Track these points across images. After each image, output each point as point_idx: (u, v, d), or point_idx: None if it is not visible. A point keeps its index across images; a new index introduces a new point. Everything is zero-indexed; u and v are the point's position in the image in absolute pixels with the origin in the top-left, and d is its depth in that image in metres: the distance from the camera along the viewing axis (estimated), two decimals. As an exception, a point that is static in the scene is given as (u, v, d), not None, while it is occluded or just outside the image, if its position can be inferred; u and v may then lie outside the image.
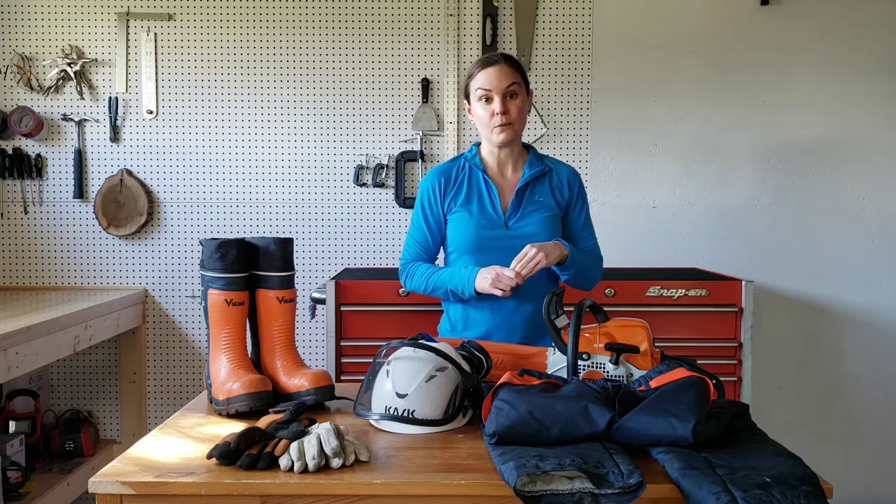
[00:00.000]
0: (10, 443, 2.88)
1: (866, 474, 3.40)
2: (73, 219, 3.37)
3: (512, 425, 1.39)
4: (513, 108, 2.10)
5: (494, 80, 2.08)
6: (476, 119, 2.15)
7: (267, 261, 1.78)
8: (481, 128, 2.16)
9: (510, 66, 2.11)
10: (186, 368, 3.42)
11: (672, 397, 1.41)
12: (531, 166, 2.18)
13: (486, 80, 2.09)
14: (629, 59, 3.33)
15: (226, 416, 1.66)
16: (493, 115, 2.09)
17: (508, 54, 2.16)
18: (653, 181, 3.35)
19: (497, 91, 2.08)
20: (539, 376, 1.58)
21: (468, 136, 3.33)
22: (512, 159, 2.20)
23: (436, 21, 3.32)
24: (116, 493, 1.30)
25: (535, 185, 2.18)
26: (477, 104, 2.12)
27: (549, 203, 2.17)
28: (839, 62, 3.32)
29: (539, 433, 1.37)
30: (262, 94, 3.34)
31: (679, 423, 1.34)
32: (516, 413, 1.39)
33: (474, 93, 2.12)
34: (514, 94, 2.10)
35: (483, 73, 2.10)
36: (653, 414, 1.37)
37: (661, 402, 1.40)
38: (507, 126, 2.10)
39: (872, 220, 3.37)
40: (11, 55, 3.31)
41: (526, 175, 2.16)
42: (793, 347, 3.38)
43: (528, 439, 1.37)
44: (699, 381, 1.44)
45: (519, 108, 2.12)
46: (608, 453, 1.32)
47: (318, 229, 3.38)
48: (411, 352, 1.62)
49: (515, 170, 2.20)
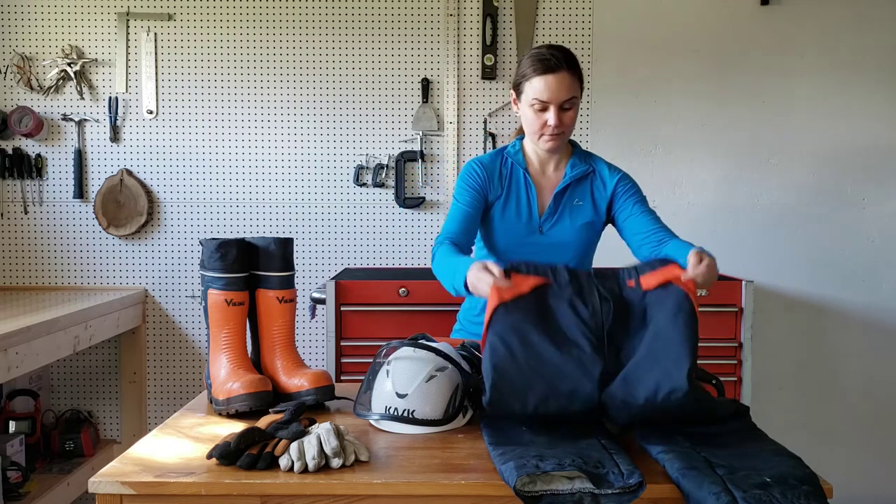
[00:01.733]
0: (10, 443, 2.88)
1: (866, 474, 3.40)
2: (73, 219, 3.37)
3: (505, 369, 1.43)
4: (567, 119, 1.93)
5: (553, 93, 1.89)
6: (524, 119, 1.98)
7: (267, 261, 1.78)
8: (527, 129, 1.99)
9: (572, 76, 1.91)
10: (186, 368, 3.42)
11: (663, 338, 1.42)
12: (573, 167, 2.03)
13: (545, 91, 1.89)
14: (629, 59, 3.33)
15: (226, 416, 1.66)
16: (544, 124, 1.92)
17: (569, 54, 1.93)
18: (653, 181, 3.35)
19: (554, 103, 1.90)
20: (527, 271, 1.55)
21: (468, 136, 3.34)
22: (556, 159, 2.05)
23: (436, 21, 3.32)
24: (116, 493, 1.30)
25: (575, 187, 2.03)
26: (528, 108, 1.94)
27: (587, 209, 2.03)
28: (839, 62, 3.32)
29: (532, 384, 1.42)
30: (262, 94, 3.34)
31: (675, 370, 1.37)
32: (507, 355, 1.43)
33: (526, 95, 1.93)
34: (571, 105, 1.93)
35: (541, 81, 1.89)
36: (646, 366, 1.39)
37: (653, 348, 1.42)
38: (558, 136, 1.95)
39: (872, 220, 3.37)
40: (11, 55, 3.31)
41: (567, 177, 2.02)
42: (793, 347, 3.38)
43: (519, 386, 1.42)
44: (686, 304, 1.45)
45: (573, 118, 1.95)
46: (608, 453, 1.32)
47: (318, 229, 3.38)
48: (411, 352, 1.62)
49: (557, 169, 2.05)
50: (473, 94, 3.33)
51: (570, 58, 1.92)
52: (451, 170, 3.33)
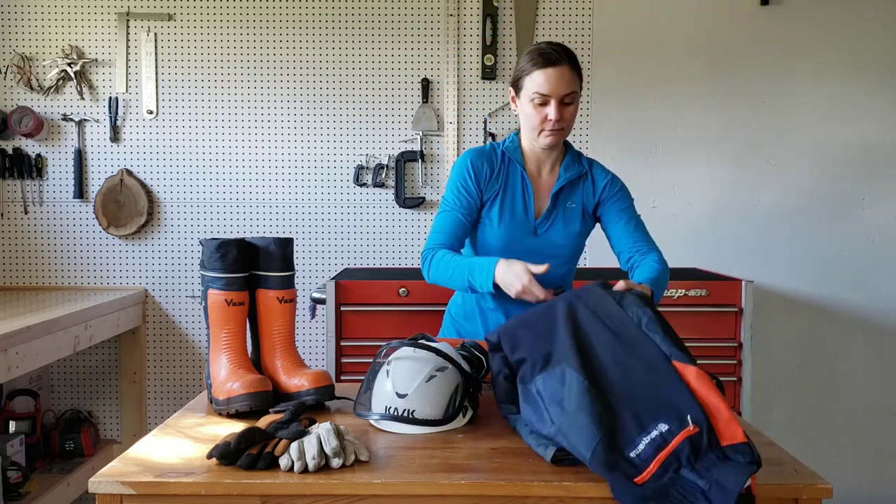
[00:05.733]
0: (10, 443, 2.88)
1: (866, 474, 3.40)
2: (73, 219, 3.37)
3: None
4: (567, 114, 1.90)
5: (554, 86, 1.86)
6: (522, 115, 1.94)
7: (267, 261, 1.78)
8: (526, 125, 1.95)
9: (572, 70, 1.88)
10: (186, 368, 3.42)
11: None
12: (567, 169, 2.00)
13: (545, 85, 1.86)
14: (629, 59, 3.33)
15: (226, 416, 1.66)
16: (545, 119, 1.89)
17: (568, 49, 1.91)
18: (653, 181, 3.35)
19: (555, 97, 1.87)
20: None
21: (468, 136, 3.34)
22: (551, 158, 2.01)
23: (436, 21, 3.32)
24: (116, 493, 1.30)
25: (569, 189, 2.00)
26: (527, 103, 1.90)
27: (578, 211, 2.01)
28: (839, 62, 3.32)
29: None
30: (262, 94, 3.34)
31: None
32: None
33: (526, 90, 1.90)
34: (572, 99, 1.90)
35: (542, 75, 1.86)
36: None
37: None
38: (558, 132, 1.91)
39: (872, 220, 3.37)
40: (11, 55, 3.32)
41: (561, 179, 1.99)
42: (793, 347, 3.38)
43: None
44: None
45: (573, 114, 1.92)
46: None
47: (318, 229, 3.38)
48: (411, 352, 1.62)
49: (553, 169, 2.02)
50: (473, 94, 3.33)
51: (569, 53, 1.90)
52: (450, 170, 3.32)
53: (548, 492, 1.29)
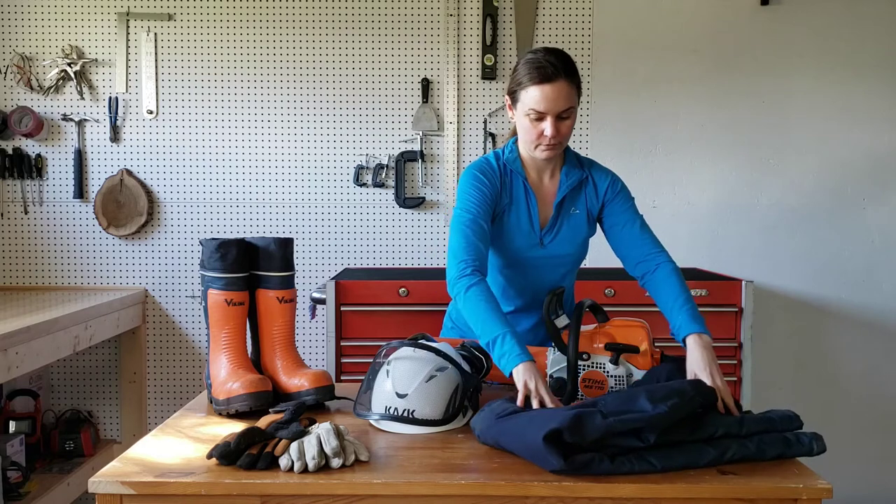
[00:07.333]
0: (10, 443, 2.88)
1: (866, 474, 3.39)
2: (73, 219, 3.37)
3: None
4: (564, 128, 1.82)
5: (551, 104, 1.78)
6: (519, 127, 1.87)
7: (267, 261, 1.78)
8: (523, 137, 1.88)
9: (570, 84, 1.79)
10: (186, 368, 3.42)
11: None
12: (568, 175, 1.93)
13: (542, 102, 1.78)
14: (629, 59, 3.33)
15: (226, 416, 1.66)
16: (541, 134, 1.81)
17: (567, 60, 1.81)
18: (653, 181, 3.35)
19: (552, 114, 1.78)
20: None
21: (468, 136, 3.34)
22: (551, 166, 1.94)
23: (436, 21, 3.32)
24: (116, 493, 1.30)
25: (571, 196, 1.94)
26: (523, 117, 1.82)
27: (582, 217, 1.95)
28: (839, 62, 3.32)
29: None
30: (262, 94, 3.34)
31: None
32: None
33: (522, 104, 1.82)
34: (569, 114, 1.82)
35: (538, 91, 1.77)
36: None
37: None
38: (554, 146, 1.84)
39: (872, 220, 3.37)
40: (11, 55, 3.31)
41: (563, 187, 1.92)
42: (793, 347, 3.38)
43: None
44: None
45: (570, 127, 1.83)
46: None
47: (318, 229, 3.38)
48: (411, 352, 1.62)
49: (553, 176, 1.95)
50: (473, 94, 3.33)
51: (567, 64, 1.80)
52: (451, 170, 3.33)
53: (548, 492, 1.29)
